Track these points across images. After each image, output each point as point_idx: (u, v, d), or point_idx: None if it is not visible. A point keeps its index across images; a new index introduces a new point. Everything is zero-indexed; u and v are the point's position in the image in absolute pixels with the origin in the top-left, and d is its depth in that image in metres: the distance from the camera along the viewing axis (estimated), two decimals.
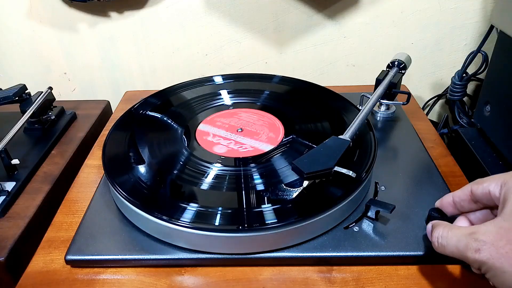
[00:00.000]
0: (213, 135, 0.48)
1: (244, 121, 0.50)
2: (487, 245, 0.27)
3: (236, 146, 0.46)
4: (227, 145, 0.46)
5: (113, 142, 0.47)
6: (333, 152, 0.38)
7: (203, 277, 0.36)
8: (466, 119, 0.64)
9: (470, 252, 0.28)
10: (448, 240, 0.30)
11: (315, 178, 0.39)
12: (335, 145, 0.39)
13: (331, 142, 0.40)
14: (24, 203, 0.46)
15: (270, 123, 0.50)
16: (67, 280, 0.37)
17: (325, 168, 0.36)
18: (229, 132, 0.48)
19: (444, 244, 0.30)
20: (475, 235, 0.28)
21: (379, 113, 0.57)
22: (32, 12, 0.68)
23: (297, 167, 0.36)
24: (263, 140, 0.46)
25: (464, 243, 0.29)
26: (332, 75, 0.74)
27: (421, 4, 0.65)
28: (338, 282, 0.35)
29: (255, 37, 0.70)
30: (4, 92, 0.55)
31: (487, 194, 0.31)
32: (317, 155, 0.38)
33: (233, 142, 0.46)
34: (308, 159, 0.37)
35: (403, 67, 0.55)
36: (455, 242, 0.30)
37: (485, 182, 0.32)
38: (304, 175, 0.36)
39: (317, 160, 0.37)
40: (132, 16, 0.68)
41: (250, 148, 0.45)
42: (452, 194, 0.35)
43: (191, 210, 0.37)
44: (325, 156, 0.38)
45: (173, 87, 0.58)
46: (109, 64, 0.73)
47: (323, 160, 0.37)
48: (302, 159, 0.37)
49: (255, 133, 0.48)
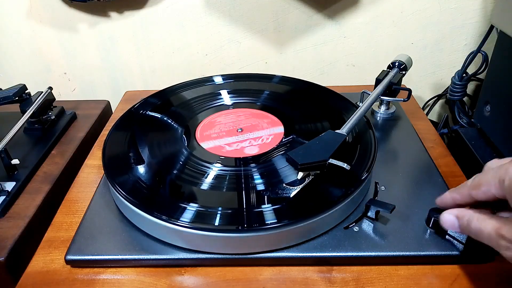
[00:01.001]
0: (213, 135, 0.48)
1: (244, 121, 0.50)
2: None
3: (236, 146, 0.46)
4: (226, 145, 0.46)
5: (113, 142, 0.47)
6: (328, 145, 0.38)
7: (203, 277, 0.36)
8: (466, 119, 0.64)
9: (502, 250, 0.28)
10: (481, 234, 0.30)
11: (309, 170, 0.38)
12: (331, 138, 0.39)
13: (327, 135, 0.40)
14: (24, 203, 0.46)
15: (270, 123, 0.50)
16: (67, 280, 0.37)
17: (319, 160, 0.36)
18: (229, 132, 0.48)
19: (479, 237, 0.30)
20: (501, 232, 0.28)
21: (379, 113, 0.57)
22: (32, 12, 0.68)
23: (292, 158, 0.37)
24: (263, 140, 0.46)
25: (495, 242, 0.29)
26: (332, 75, 0.74)
27: (421, 4, 0.65)
28: (338, 282, 0.35)
29: (255, 37, 0.70)
30: (4, 92, 0.55)
31: (491, 197, 0.31)
32: (312, 148, 0.38)
33: (233, 142, 0.46)
34: (303, 151, 0.37)
35: (403, 68, 0.55)
36: (486, 237, 0.30)
37: (482, 186, 0.31)
38: (298, 166, 0.36)
39: (312, 152, 0.37)
40: (132, 16, 0.68)
41: (249, 148, 0.45)
42: (450, 195, 0.35)
43: (191, 210, 0.37)
44: (320, 149, 0.38)
45: (173, 87, 0.58)
46: (109, 64, 0.73)
47: (318, 153, 0.37)
48: (297, 151, 0.37)
49: (255, 133, 0.48)
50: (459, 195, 0.34)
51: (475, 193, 0.32)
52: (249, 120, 0.50)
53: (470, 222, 0.31)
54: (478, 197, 0.32)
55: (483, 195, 0.31)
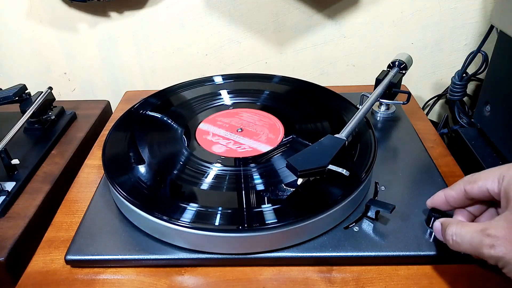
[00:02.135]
0: (213, 135, 0.48)
1: (244, 121, 0.50)
2: (500, 240, 0.27)
3: (236, 146, 0.46)
4: (226, 145, 0.46)
5: (113, 142, 0.47)
6: (327, 151, 0.38)
7: (203, 277, 0.36)
8: (466, 119, 0.64)
9: (485, 248, 0.28)
10: (462, 237, 0.30)
11: (309, 176, 0.38)
12: (330, 143, 0.39)
13: (326, 140, 0.40)
14: (24, 203, 0.46)
15: (270, 123, 0.50)
16: (67, 280, 0.37)
17: (319, 166, 0.36)
18: (229, 132, 0.48)
19: (459, 242, 0.30)
20: (487, 231, 0.28)
21: (379, 113, 0.57)
22: (32, 12, 0.68)
23: (291, 165, 0.36)
24: (263, 140, 0.46)
25: (478, 240, 0.28)
26: (332, 75, 0.74)
27: (421, 4, 0.65)
28: (338, 282, 0.35)
29: (255, 37, 0.70)
30: (4, 92, 0.55)
31: (484, 192, 0.31)
32: (312, 153, 0.38)
33: (233, 142, 0.46)
34: (303, 157, 0.37)
35: (403, 67, 0.55)
36: (468, 239, 0.29)
37: (480, 180, 0.32)
38: (297, 173, 0.36)
39: (311, 158, 0.37)
40: (132, 16, 0.68)
41: (249, 148, 0.45)
42: (443, 193, 0.35)
43: (191, 210, 0.37)
44: (319, 154, 0.38)
45: (173, 87, 0.58)
46: (109, 64, 0.73)
47: (317, 158, 0.37)
48: (296, 157, 0.37)
49: (255, 133, 0.48)
50: (453, 190, 0.34)
51: (470, 188, 0.32)
52: (249, 120, 0.50)
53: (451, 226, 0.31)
54: (472, 193, 0.32)
55: (477, 190, 0.32)
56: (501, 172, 0.30)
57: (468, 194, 0.33)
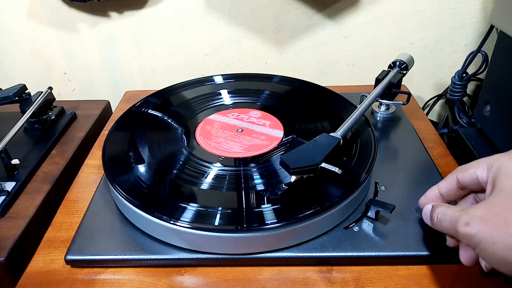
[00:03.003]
0: (213, 135, 0.48)
1: (244, 121, 0.50)
2: (476, 218, 0.28)
3: (236, 146, 0.46)
4: (226, 145, 0.46)
5: (113, 142, 0.47)
6: (321, 149, 0.38)
7: (203, 277, 0.36)
8: (466, 119, 0.64)
9: (460, 226, 0.28)
10: (446, 215, 0.31)
11: (302, 174, 0.38)
12: (324, 142, 0.40)
13: (321, 139, 0.40)
14: (24, 203, 0.46)
15: (270, 123, 0.50)
16: (67, 280, 0.37)
17: (312, 164, 0.37)
18: (229, 132, 0.48)
19: (441, 219, 0.31)
20: (467, 210, 0.29)
21: (379, 113, 0.57)
22: (32, 12, 0.68)
23: (284, 162, 0.37)
24: (263, 140, 0.46)
25: (456, 217, 0.29)
26: (332, 75, 0.74)
27: (421, 4, 0.65)
28: (338, 282, 0.35)
29: (255, 37, 0.70)
30: (4, 92, 0.55)
31: (474, 179, 0.32)
32: (306, 151, 0.38)
33: (233, 142, 0.46)
34: (296, 155, 0.38)
35: (404, 68, 0.55)
36: (450, 217, 0.30)
37: (471, 168, 0.33)
38: (290, 170, 0.36)
39: (305, 156, 0.37)
40: (132, 16, 0.68)
41: (249, 148, 0.45)
42: (437, 187, 0.36)
43: (190, 210, 0.37)
44: (313, 152, 0.38)
45: (173, 87, 0.58)
46: (109, 64, 0.73)
47: (311, 156, 0.37)
48: (290, 155, 0.38)
49: (255, 133, 0.48)
50: (446, 181, 0.35)
51: (461, 176, 0.33)
52: (249, 120, 0.50)
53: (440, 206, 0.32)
54: (464, 180, 0.33)
55: (468, 177, 0.33)
56: (491, 161, 0.31)
57: (460, 182, 0.34)
